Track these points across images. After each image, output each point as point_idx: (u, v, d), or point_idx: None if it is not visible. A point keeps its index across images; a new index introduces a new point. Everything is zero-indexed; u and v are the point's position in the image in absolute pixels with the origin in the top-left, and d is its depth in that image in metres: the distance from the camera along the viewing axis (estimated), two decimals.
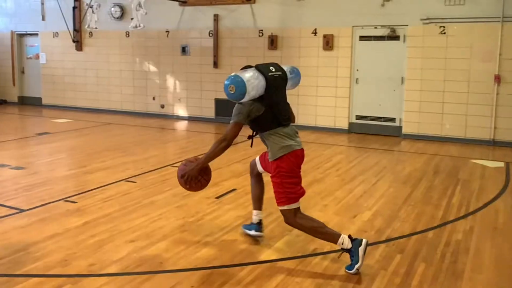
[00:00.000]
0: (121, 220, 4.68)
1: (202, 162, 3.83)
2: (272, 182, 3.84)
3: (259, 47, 10.66)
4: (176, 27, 11.66)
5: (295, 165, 3.80)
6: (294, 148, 3.78)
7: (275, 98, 3.75)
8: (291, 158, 3.75)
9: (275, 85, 3.74)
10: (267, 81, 3.68)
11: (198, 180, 3.88)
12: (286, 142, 3.76)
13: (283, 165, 3.73)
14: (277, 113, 3.75)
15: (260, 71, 3.70)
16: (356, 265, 3.62)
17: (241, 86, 3.54)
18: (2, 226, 4.48)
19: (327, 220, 4.72)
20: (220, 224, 4.60)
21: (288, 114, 3.91)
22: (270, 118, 3.75)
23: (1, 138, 9.06)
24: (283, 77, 3.85)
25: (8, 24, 14.30)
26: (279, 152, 3.73)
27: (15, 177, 6.23)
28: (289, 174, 3.75)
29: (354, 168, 7.10)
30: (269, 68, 3.78)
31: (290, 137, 3.82)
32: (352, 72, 9.86)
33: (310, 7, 10.06)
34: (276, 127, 3.77)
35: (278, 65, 3.90)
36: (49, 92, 13.81)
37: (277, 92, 3.77)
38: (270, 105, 3.72)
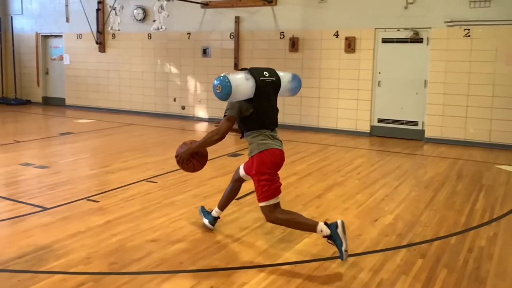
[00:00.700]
0: (142, 219, 4.72)
1: (193, 147, 4.05)
2: (252, 180, 4.00)
3: (280, 49, 10.65)
4: (197, 29, 11.74)
5: (270, 163, 3.90)
6: (273, 146, 3.92)
7: (263, 103, 3.91)
8: (269, 156, 3.88)
9: (265, 90, 3.90)
10: (257, 85, 3.83)
11: (189, 161, 4.10)
12: (266, 141, 3.92)
13: (257, 161, 3.88)
14: (263, 117, 3.93)
15: (252, 74, 3.86)
16: (342, 247, 3.69)
17: (227, 86, 3.71)
18: (26, 224, 4.56)
19: (348, 223, 4.68)
20: (239, 226, 4.60)
21: (275, 120, 4.09)
22: (256, 120, 3.92)
23: (26, 137, 9.23)
24: (276, 83, 3.99)
25: (33, 26, 14.58)
26: (257, 149, 3.90)
27: (39, 176, 6.34)
28: (263, 170, 3.87)
29: (375, 171, 7.03)
30: (263, 73, 3.93)
31: (272, 138, 3.98)
32: (374, 74, 9.78)
33: (332, 9, 10.02)
34: (260, 129, 3.94)
35: (274, 71, 4.05)
36: (72, 92, 14.02)
37: (266, 97, 3.92)
38: (257, 108, 3.88)
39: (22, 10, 14.69)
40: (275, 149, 3.93)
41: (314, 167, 7.13)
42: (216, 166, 7.01)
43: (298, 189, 5.93)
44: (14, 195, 5.44)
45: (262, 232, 4.44)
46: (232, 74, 3.83)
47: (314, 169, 7.00)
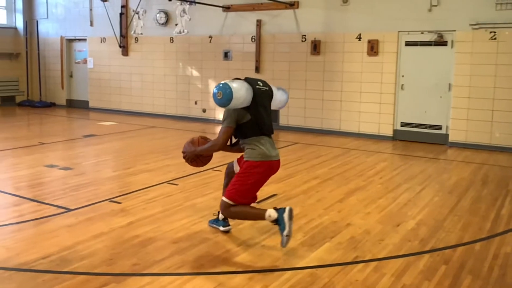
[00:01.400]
0: (163, 221, 4.75)
1: (198, 151, 4.29)
2: (236, 175, 4.15)
3: (302, 52, 10.63)
4: (219, 33, 11.79)
5: (263, 174, 4.08)
6: (272, 159, 4.09)
7: (260, 110, 4.07)
8: (264, 167, 4.05)
9: (262, 98, 4.09)
10: (254, 93, 4.02)
11: (194, 160, 4.38)
12: (266, 151, 4.07)
13: (250, 166, 4.03)
14: (261, 124, 4.08)
15: (249, 83, 4.06)
16: (283, 232, 3.89)
17: (228, 92, 3.88)
18: (51, 224, 4.64)
19: (370, 228, 4.66)
20: (260, 229, 4.58)
21: (271, 128, 4.23)
22: (253, 127, 4.07)
23: (50, 139, 9.39)
24: (270, 93, 4.22)
25: (58, 30, 14.85)
26: (257, 157, 4.04)
27: (63, 177, 6.44)
28: (252, 178, 4.03)
29: (398, 176, 6.95)
30: (257, 82, 4.15)
31: (270, 147, 4.13)
32: (397, 78, 9.68)
33: (354, 11, 9.97)
34: (259, 135, 4.09)
35: (266, 82, 4.26)
36: (95, 95, 14.23)
37: (262, 104, 4.11)
38: (255, 115, 4.05)
39: (48, 14, 14.97)
40: (272, 162, 4.10)
41: (336, 171, 7.08)
42: None
43: (319, 193, 5.90)
44: (39, 197, 5.53)
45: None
46: (230, 81, 4.00)
47: (336, 173, 6.95)
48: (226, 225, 4.51)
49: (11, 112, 13.73)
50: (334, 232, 4.55)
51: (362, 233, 4.53)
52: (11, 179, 6.42)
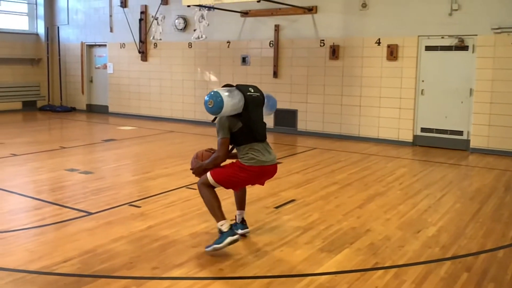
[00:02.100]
0: (182, 225, 4.77)
1: (204, 165, 4.27)
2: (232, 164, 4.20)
3: (320, 57, 10.60)
4: (237, 38, 11.84)
5: (253, 177, 4.14)
6: (265, 164, 4.12)
7: (252, 116, 4.12)
8: (255, 170, 4.09)
9: (253, 104, 4.13)
10: (246, 100, 4.07)
11: (202, 174, 4.32)
12: (259, 157, 4.11)
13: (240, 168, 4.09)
14: (254, 130, 4.13)
15: (240, 90, 4.10)
16: (215, 245, 4.01)
17: (219, 101, 3.94)
18: (72, 228, 4.69)
19: (390, 234, 4.61)
20: (279, 234, 4.58)
21: (264, 132, 4.26)
22: (246, 133, 4.11)
23: (71, 143, 9.52)
24: (261, 98, 4.26)
25: (78, 36, 15.07)
26: (248, 162, 4.09)
27: (83, 181, 6.52)
28: (239, 176, 4.10)
29: (418, 182, 6.87)
30: (248, 88, 4.19)
31: (264, 152, 4.16)
32: (417, 83, 9.58)
33: (373, 16, 9.91)
34: (252, 142, 4.13)
35: (258, 88, 4.29)
36: (115, 100, 14.39)
37: (254, 110, 4.15)
38: (248, 121, 4.09)
39: (68, 21, 15.21)
40: (264, 167, 4.12)
41: (355, 176, 7.03)
42: None
43: (338, 198, 5.86)
44: (60, 200, 5.60)
45: (302, 241, 4.41)
46: (222, 89, 4.06)
47: (355, 178, 6.90)
48: (245, 227, 4.52)
49: (33, 117, 13.96)
50: (354, 238, 4.51)
51: (382, 239, 4.49)
52: (33, 183, 6.52)
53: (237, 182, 4.17)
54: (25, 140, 9.81)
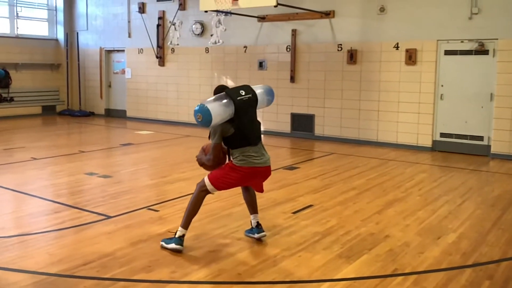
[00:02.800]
0: (200, 230, 4.78)
1: (204, 161, 4.46)
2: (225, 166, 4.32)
3: (338, 62, 10.56)
4: (254, 43, 11.86)
5: (245, 177, 4.22)
6: (256, 165, 4.20)
7: (243, 120, 4.16)
8: (246, 171, 4.18)
9: (244, 108, 4.17)
10: (235, 106, 4.10)
11: (202, 165, 4.54)
12: (251, 159, 4.19)
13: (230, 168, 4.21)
14: (246, 134, 4.19)
15: (230, 96, 4.13)
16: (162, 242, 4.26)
17: (207, 114, 4.01)
18: (92, 231, 4.73)
19: (409, 240, 4.55)
20: (297, 240, 4.55)
21: (258, 134, 4.34)
22: (239, 138, 4.18)
23: (90, 147, 9.62)
24: (253, 99, 4.27)
25: (97, 41, 15.25)
26: (238, 163, 4.19)
27: (102, 185, 6.57)
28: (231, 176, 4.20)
29: (437, 187, 6.78)
30: (239, 92, 4.21)
31: (257, 156, 4.23)
32: (436, 87, 9.47)
33: (391, 20, 9.85)
34: (245, 146, 4.20)
35: (250, 88, 4.33)
36: (133, 105, 14.51)
37: (245, 114, 4.19)
38: (240, 127, 4.15)
39: (87, 26, 15.41)
40: (255, 168, 4.19)
41: (373, 182, 6.97)
42: (273, 179, 6.94)
43: (357, 204, 5.81)
44: (80, 204, 5.65)
45: (320, 247, 4.37)
46: (210, 101, 4.10)
47: (373, 184, 6.85)
48: (261, 230, 4.52)
49: (52, 121, 14.15)
50: (372, 244, 4.47)
51: (401, 246, 4.44)
52: (53, 186, 6.60)
53: (229, 183, 4.25)
54: (44, 144, 9.94)
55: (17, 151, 9.01)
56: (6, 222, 5.05)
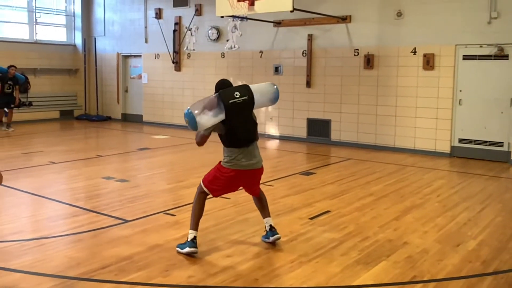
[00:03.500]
0: (217, 234, 4.77)
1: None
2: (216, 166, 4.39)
3: (355, 67, 10.51)
4: (269, 48, 11.87)
5: (233, 180, 4.28)
6: (243, 168, 4.23)
7: (235, 123, 4.16)
8: (230, 173, 4.23)
9: (236, 111, 4.14)
10: (226, 109, 4.09)
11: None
12: (238, 161, 4.22)
13: (218, 169, 4.31)
14: (238, 136, 4.22)
15: (222, 99, 4.10)
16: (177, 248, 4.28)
17: (192, 121, 4.03)
18: (109, 235, 4.76)
19: (428, 247, 4.50)
20: (314, 246, 4.52)
21: (252, 136, 4.32)
22: (231, 139, 4.23)
23: (107, 152, 9.69)
24: (248, 101, 4.20)
25: (114, 47, 15.41)
26: (225, 164, 4.26)
27: (120, 189, 6.61)
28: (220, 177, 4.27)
29: (456, 194, 6.69)
30: (233, 94, 4.16)
31: (247, 156, 4.25)
32: (454, 92, 9.36)
33: (409, 25, 9.78)
34: (235, 147, 4.23)
35: (246, 89, 4.25)
36: (149, 109, 14.61)
37: (238, 116, 4.17)
38: (230, 130, 4.18)
39: (105, 32, 15.59)
40: (240, 171, 4.21)
41: (391, 188, 6.90)
42: (289, 185, 6.97)
43: (374, 210, 5.76)
44: (97, 208, 5.69)
45: (337, 253, 4.34)
46: (200, 108, 4.05)
47: (391, 190, 6.78)
48: (276, 233, 4.52)
49: (70, 126, 14.31)
50: (390, 250, 4.42)
51: (420, 252, 4.38)
52: (71, 190, 6.66)
53: (220, 185, 4.30)
54: (62, 149, 10.05)
55: (35, 155, 9.12)
56: (25, 225, 5.11)
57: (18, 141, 11.13)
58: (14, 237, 4.65)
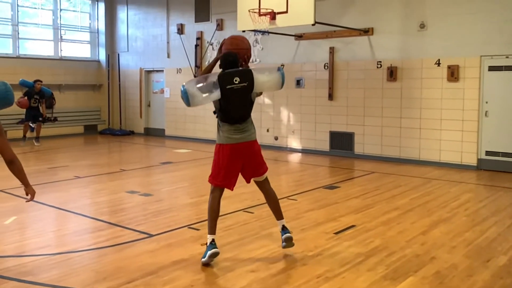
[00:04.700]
0: (241, 249, 4.74)
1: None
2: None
3: (377, 79, 10.44)
4: (291, 61, 11.88)
5: (228, 158, 4.35)
6: (234, 141, 4.34)
7: (229, 107, 4.27)
8: (227, 151, 4.34)
9: (231, 97, 4.23)
10: (222, 93, 4.19)
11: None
12: (229, 135, 4.34)
13: (216, 150, 4.43)
14: (232, 114, 4.33)
15: (220, 82, 4.17)
16: (202, 260, 4.29)
17: (185, 97, 4.16)
18: (135, 249, 4.76)
19: (457, 262, 4.39)
20: (340, 261, 4.45)
21: (246, 114, 4.43)
22: (223, 115, 4.34)
23: (131, 166, 9.78)
24: (247, 87, 4.25)
25: (137, 62, 15.65)
26: (220, 140, 4.40)
27: (144, 203, 6.64)
28: (217, 159, 4.41)
29: (485, 208, 6.53)
30: (233, 79, 4.20)
31: (238, 131, 4.36)
32: (480, 104, 9.19)
33: (432, 36, 9.68)
34: (226, 122, 4.35)
35: (247, 75, 4.27)
36: (171, 124, 14.74)
37: (233, 102, 4.26)
38: (224, 108, 4.28)
39: (128, 48, 15.85)
40: (233, 145, 4.33)
41: (417, 202, 6.78)
42: (313, 199, 6.91)
43: (400, 224, 5.65)
44: (122, 222, 5.72)
45: (364, 268, 4.26)
46: (193, 83, 4.18)
47: (417, 204, 6.66)
48: (289, 231, 4.57)
49: (93, 140, 14.51)
50: (418, 265, 4.33)
51: (448, 268, 4.28)
52: (96, 205, 6.72)
53: (220, 166, 4.37)
54: (87, 163, 10.18)
55: (61, 170, 9.26)
56: (51, 239, 5.16)
57: (43, 155, 11.32)
58: (42, 251, 4.69)
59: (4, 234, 5.21)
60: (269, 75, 4.44)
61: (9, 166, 3.37)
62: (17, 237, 5.21)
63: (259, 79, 4.31)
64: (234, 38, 4.57)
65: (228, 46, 4.48)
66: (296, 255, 4.59)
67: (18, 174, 3.41)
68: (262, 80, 4.34)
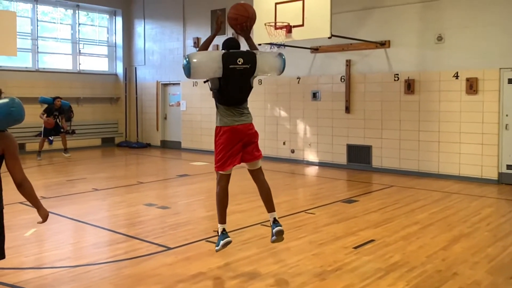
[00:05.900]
0: (259, 263, 4.70)
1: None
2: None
3: (395, 92, 10.37)
4: (307, 74, 11.88)
5: (226, 138, 4.39)
6: (231, 124, 4.38)
7: (229, 87, 4.29)
8: (227, 132, 4.38)
9: (233, 77, 4.25)
10: (224, 73, 4.21)
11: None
12: (227, 118, 4.39)
13: (216, 132, 4.47)
14: (229, 97, 4.35)
15: (223, 60, 4.20)
16: (216, 248, 4.50)
17: (187, 68, 4.19)
18: (153, 262, 4.76)
19: (479, 279, 4.29)
20: (360, 276, 4.39)
21: (242, 98, 4.43)
22: (221, 97, 4.36)
23: (148, 179, 9.81)
24: (249, 69, 4.31)
25: (154, 75, 15.79)
26: (219, 123, 4.44)
27: (161, 216, 6.65)
28: (219, 142, 4.43)
29: (507, 223, 6.40)
30: (236, 60, 4.24)
31: (236, 114, 4.40)
32: (500, 117, 9.06)
33: (450, 49, 9.61)
34: (223, 104, 4.39)
35: (251, 57, 4.34)
36: (187, 136, 14.80)
37: (233, 82, 4.28)
38: (223, 89, 4.29)
39: (145, 61, 16.02)
40: (233, 127, 4.37)
41: (437, 216, 6.67)
42: (331, 213, 6.85)
43: (420, 239, 5.56)
44: (140, 234, 5.73)
45: (384, 284, 4.19)
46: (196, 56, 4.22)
47: (437, 218, 6.55)
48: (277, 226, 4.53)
49: (111, 153, 14.62)
50: (440, 282, 4.25)
51: (471, 284, 4.19)
52: (114, 217, 6.74)
53: (221, 148, 4.41)
54: (105, 175, 10.25)
55: (79, 182, 9.33)
56: (71, 252, 5.18)
57: (62, 168, 11.44)
58: (61, 264, 4.71)
59: (24, 246, 5.25)
60: (271, 59, 4.57)
61: (19, 189, 3.25)
62: (36, 249, 5.25)
63: (262, 62, 4.42)
64: (240, 4, 4.58)
65: (231, 10, 4.55)
66: (315, 269, 4.54)
67: (28, 198, 3.31)
68: (264, 63, 4.46)
